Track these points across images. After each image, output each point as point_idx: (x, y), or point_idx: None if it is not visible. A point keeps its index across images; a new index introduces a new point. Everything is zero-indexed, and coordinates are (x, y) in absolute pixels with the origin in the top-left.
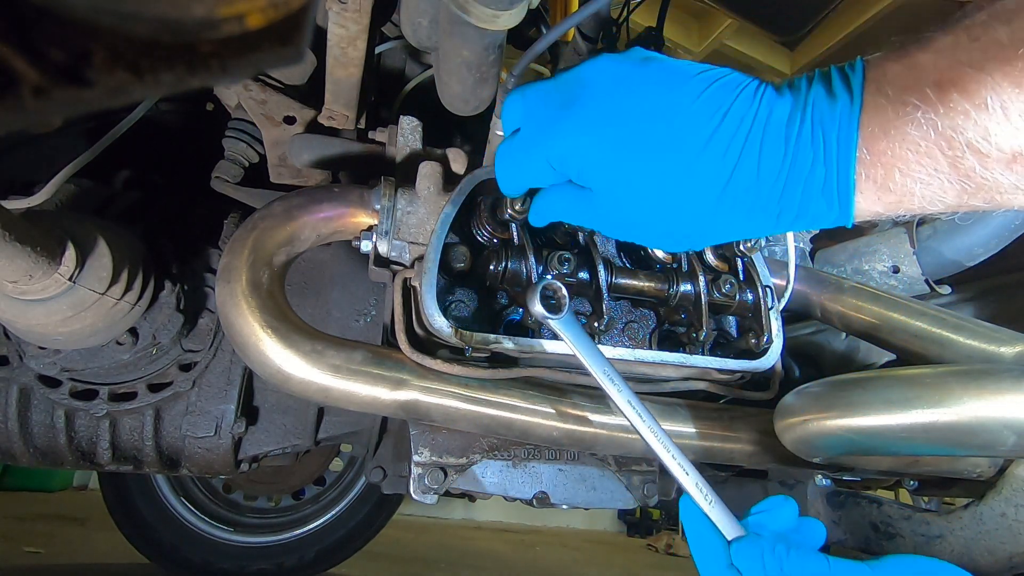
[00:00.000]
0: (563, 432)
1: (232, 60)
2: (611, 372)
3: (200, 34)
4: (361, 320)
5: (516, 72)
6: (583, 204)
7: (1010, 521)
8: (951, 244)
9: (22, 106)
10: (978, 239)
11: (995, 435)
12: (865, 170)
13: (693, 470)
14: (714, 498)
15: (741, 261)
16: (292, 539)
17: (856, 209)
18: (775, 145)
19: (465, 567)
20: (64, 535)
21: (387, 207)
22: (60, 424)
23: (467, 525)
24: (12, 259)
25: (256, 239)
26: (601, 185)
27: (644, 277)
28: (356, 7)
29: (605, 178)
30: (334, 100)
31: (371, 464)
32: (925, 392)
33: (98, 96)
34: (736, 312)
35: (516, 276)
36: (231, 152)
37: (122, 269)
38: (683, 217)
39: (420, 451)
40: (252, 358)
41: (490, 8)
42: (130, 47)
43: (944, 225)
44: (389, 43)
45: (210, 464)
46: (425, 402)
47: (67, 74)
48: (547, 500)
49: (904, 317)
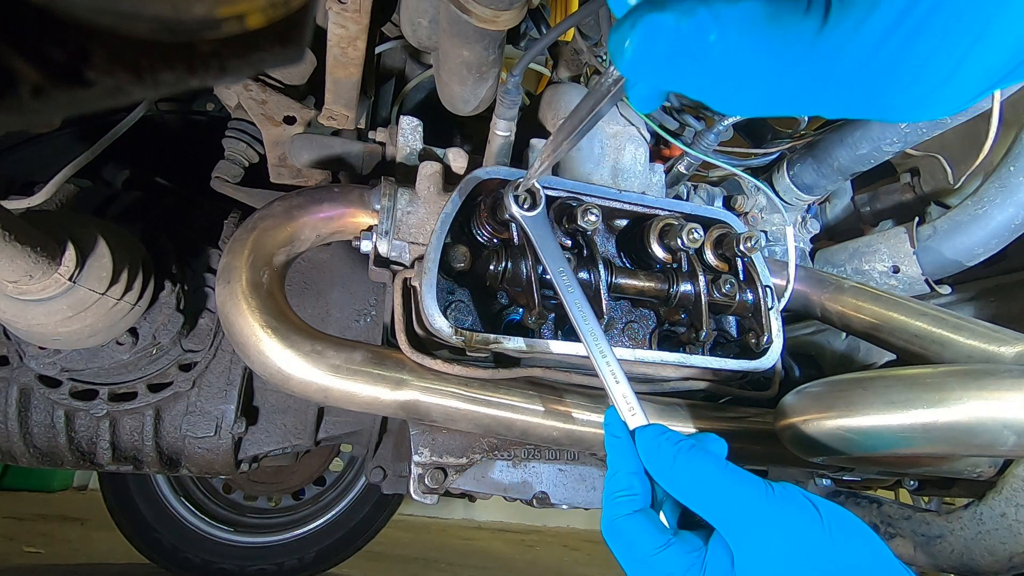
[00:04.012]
0: (563, 432)
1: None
2: (568, 274)
3: (200, 34)
4: (361, 320)
5: (516, 72)
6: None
7: (1010, 521)
8: (951, 244)
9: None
10: (978, 239)
11: (995, 435)
12: None
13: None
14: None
15: (741, 261)
16: (292, 539)
17: None
18: None
19: (465, 567)
20: (64, 535)
21: (387, 207)
22: (60, 424)
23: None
24: (12, 259)
25: (256, 239)
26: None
27: (644, 277)
28: (356, 7)
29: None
30: (334, 100)
31: (371, 464)
32: (925, 392)
33: (98, 96)
34: (736, 312)
35: (516, 276)
36: (231, 152)
37: (122, 269)
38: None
39: (420, 451)
40: (252, 358)
41: (490, 8)
42: (130, 47)
43: (944, 225)
44: (389, 43)
45: (210, 464)
46: (425, 402)
47: (67, 74)
48: (547, 500)
49: (904, 317)
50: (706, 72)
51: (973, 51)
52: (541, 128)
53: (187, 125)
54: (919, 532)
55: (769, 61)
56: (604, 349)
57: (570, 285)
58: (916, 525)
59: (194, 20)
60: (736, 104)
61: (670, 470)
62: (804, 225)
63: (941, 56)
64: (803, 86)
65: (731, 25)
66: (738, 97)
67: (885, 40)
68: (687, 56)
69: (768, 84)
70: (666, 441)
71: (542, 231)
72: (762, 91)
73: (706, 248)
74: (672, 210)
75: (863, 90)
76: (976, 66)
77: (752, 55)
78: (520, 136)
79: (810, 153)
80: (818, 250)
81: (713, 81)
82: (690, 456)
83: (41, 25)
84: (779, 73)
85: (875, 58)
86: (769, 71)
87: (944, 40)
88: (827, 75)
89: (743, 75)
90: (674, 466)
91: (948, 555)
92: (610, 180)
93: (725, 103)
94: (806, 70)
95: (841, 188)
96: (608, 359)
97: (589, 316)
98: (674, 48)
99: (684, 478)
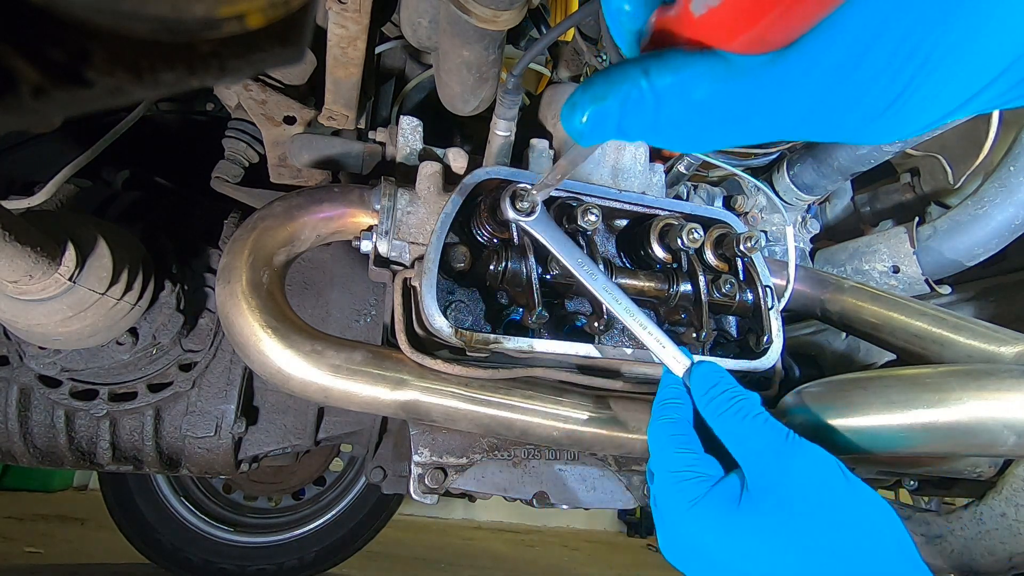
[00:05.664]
0: (563, 432)
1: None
2: (587, 263)
3: (200, 34)
4: (361, 320)
5: (516, 72)
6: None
7: (1010, 521)
8: (951, 244)
9: (22, 106)
10: (978, 239)
11: (995, 435)
12: None
13: (662, 335)
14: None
15: (741, 261)
16: (292, 539)
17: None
18: None
19: (465, 567)
20: (64, 535)
21: (387, 207)
22: (60, 424)
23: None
24: (12, 259)
25: (256, 239)
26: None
27: (644, 277)
28: (356, 7)
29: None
30: (334, 100)
31: (371, 464)
32: (925, 392)
33: (98, 96)
34: (736, 312)
35: (516, 276)
36: (231, 152)
37: (122, 269)
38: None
39: (420, 451)
40: (252, 358)
41: (490, 8)
42: (130, 47)
43: (944, 225)
44: (389, 43)
45: (210, 464)
46: (425, 402)
47: (67, 74)
48: (547, 500)
49: (904, 317)
50: (657, 134)
51: (915, 82)
52: (541, 128)
53: (187, 125)
54: (919, 532)
55: (716, 118)
56: (644, 322)
57: (593, 272)
58: (916, 525)
59: (194, 20)
60: (694, 147)
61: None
62: (804, 225)
63: (881, 84)
64: (749, 127)
65: (673, 97)
66: (692, 144)
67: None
68: (638, 127)
69: (720, 126)
70: (719, 383)
71: (548, 229)
72: (716, 132)
73: (706, 248)
74: (672, 210)
75: (812, 116)
76: (922, 96)
77: (697, 119)
78: (520, 136)
79: (810, 153)
80: (818, 250)
81: (665, 140)
82: (740, 405)
83: (41, 25)
84: (729, 114)
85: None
86: (718, 125)
87: (884, 69)
88: (775, 107)
89: (692, 132)
90: (724, 409)
91: (948, 555)
92: (610, 180)
93: (682, 148)
94: (751, 108)
95: (841, 188)
96: (649, 329)
97: (621, 297)
98: (623, 123)
99: (731, 421)
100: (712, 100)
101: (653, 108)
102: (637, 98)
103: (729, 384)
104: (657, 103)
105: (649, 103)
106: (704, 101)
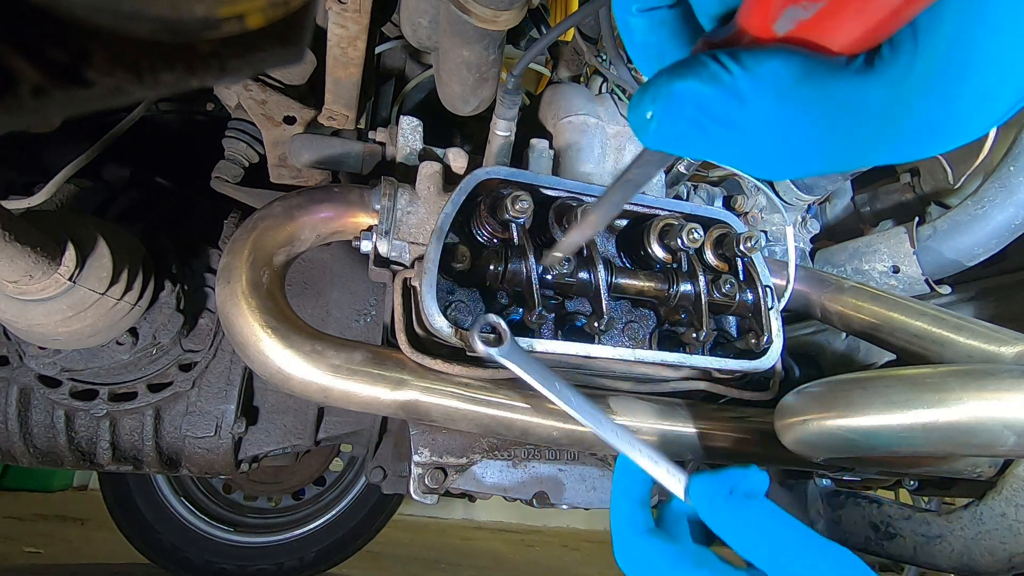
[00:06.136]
0: (563, 432)
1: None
2: (562, 386)
3: (200, 34)
4: (361, 320)
5: (516, 72)
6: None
7: (1010, 521)
8: (951, 244)
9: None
10: (978, 239)
11: (995, 435)
12: None
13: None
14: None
15: (741, 261)
16: (292, 539)
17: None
18: None
19: (465, 567)
20: (64, 535)
21: (387, 207)
22: (60, 424)
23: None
24: (12, 259)
25: (256, 239)
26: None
27: (644, 277)
28: (356, 7)
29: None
30: (334, 100)
31: (371, 464)
32: (925, 392)
33: (98, 96)
34: (736, 312)
35: (516, 276)
36: (231, 152)
37: (122, 269)
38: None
39: (420, 451)
40: (252, 358)
41: (490, 8)
42: (130, 47)
43: (944, 225)
44: (389, 43)
45: (210, 464)
46: (425, 402)
47: (67, 74)
48: (547, 500)
49: (904, 317)
50: (739, 140)
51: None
52: (541, 128)
53: (187, 125)
54: (919, 532)
55: (812, 118)
56: (632, 442)
57: (572, 399)
58: (916, 525)
59: (194, 20)
60: (775, 168)
61: (728, 523)
62: (804, 225)
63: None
64: (849, 140)
65: (764, 87)
66: (775, 161)
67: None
68: (717, 125)
69: (810, 143)
70: (719, 493)
71: (521, 360)
72: (803, 151)
73: (706, 248)
74: (672, 210)
75: (913, 131)
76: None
77: (790, 115)
78: (520, 136)
79: None
80: (818, 250)
81: (747, 149)
82: (747, 507)
83: (41, 25)
84: (823, 130)
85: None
86: (811, 129)
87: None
88: (877, 124)
89: (779, 137)
90: (733, 519)
91: (948, 555)
92: (610, 180)
93: (762, 169)
94: (853, 123)
95: (841, 188)
96: (640, 449)
97: (604, 420)
98: (701, 117)
99: (742, 530)
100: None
101: (739, 99)
102: (728, 82)
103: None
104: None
105: (741, 86)
106: (807, 95)
